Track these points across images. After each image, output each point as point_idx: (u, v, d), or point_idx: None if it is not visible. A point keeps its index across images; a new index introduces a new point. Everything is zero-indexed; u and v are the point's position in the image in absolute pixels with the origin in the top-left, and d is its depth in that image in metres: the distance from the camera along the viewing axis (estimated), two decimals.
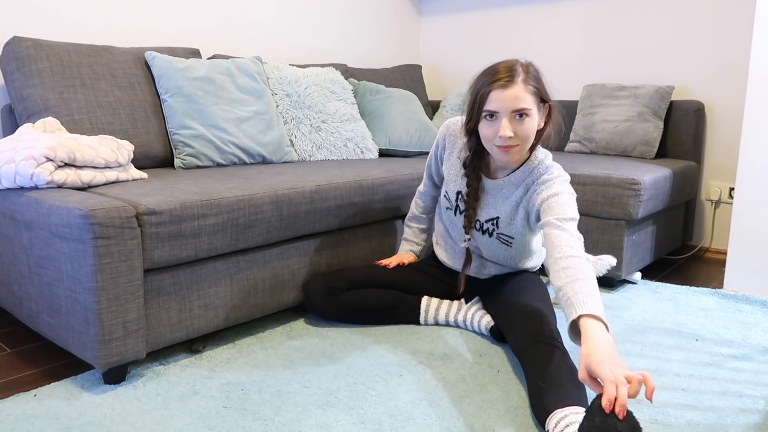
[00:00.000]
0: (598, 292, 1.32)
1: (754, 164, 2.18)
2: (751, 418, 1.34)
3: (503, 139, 1.51)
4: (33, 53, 1.94)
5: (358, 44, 3.39)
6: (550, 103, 1.59)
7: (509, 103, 1.50)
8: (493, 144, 1.56)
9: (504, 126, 1.51)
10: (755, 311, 2.03)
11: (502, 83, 1.50)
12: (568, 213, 1.51)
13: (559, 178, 1.61)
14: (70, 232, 1.39)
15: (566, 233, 1.45)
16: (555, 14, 3.23)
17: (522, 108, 1.50)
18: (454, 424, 1.29)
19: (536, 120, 1.55)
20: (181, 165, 2.09)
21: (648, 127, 2.73)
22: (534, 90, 1.53)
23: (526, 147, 1.57)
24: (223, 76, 2.24)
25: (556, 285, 1.37)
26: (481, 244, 1.78)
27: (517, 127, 1.52)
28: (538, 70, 1.57)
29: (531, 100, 1.52)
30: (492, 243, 1.75)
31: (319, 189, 1.86)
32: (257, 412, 1.34)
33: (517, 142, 1.53)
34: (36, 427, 1.27)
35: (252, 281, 1.75)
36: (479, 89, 1.55)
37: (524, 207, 1.66)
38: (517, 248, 1.74)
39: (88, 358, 1.43)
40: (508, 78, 1.50)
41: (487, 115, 1.54)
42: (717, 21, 2.74)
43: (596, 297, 1.30)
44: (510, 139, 1.51)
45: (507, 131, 1.50)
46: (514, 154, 1.56)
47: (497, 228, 1.72)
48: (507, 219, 1.69)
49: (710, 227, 2.86)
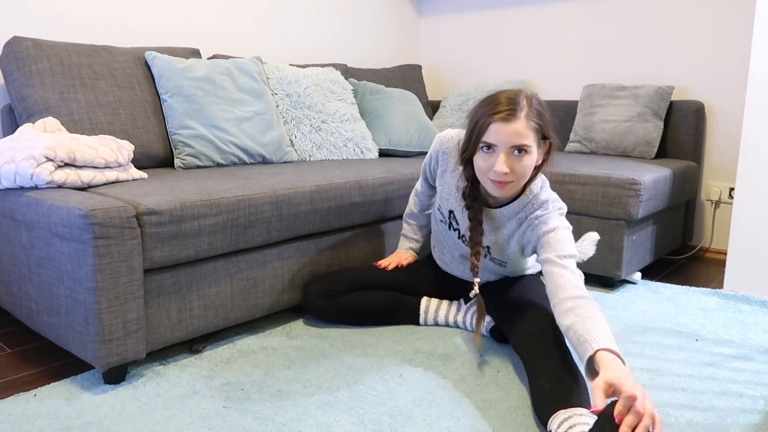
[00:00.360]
0: (609, 330, 1.28)
1: (754, 164, 2.18)
2: (751, 418, 1.34)
3: (498, 174, 1.45)
4: (33, 53, 1.94)
5: (358, 44, 3.39)
6: (551, 140, 1.52)
7: (509, 138, 1.43)
8: (487, 177, 1.50)
9: (500, 161, 1.44)
10: (755, 311, 2.03)
11: (503, 116, 1.43)
12: (567, 250, 1.47)
13: (555, 212, 1.56)
14: (70, 232, 1.39)
15: (568, 272, 1.42)
16: (555, 14, 3.23)
17: (522, 144, 1.44)
18: (454, 424, 1.29)
19: (535, 156, 1.48)
20: (181, 165, 2.09)
21: (648, 127, 2.73)
22: (536, 126, 1.46)
23: (521, 184, 1.51)
24: (223, 76, 2.24)
25: (563, 324, 1.33)
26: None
27: (514, 163, 1.45)
28: (542, 103, 1.50)
29: (532, 137, 1.45)
30: (486, 263, 1.74)
31: (319, 189, 1.86)
32: (257, 412, 1.34)
33: (513, 178, 1.47)
34: (36, 427, 1.27)
35: (252, 281, 1.75)
36: (479, 119, 1.48)
37: (518, 241, 1.62)
38: (512, 267, 1.74)
39: (88, 358, 1.44)
40: (510, 111, 1.43)
41: (485, 147, 1.48)
42: (717, 21, 2.74)
43: (609, 334, 1.26)
44: (506, 175, 1.45)
45: (503, 167, 1.44)
46: (508, 189, 1.50)
47: (489, 254, 1.71)
48: (498, 249, 1.67)
49: (710, 227, 2.86)
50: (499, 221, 1.63)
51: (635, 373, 1.54)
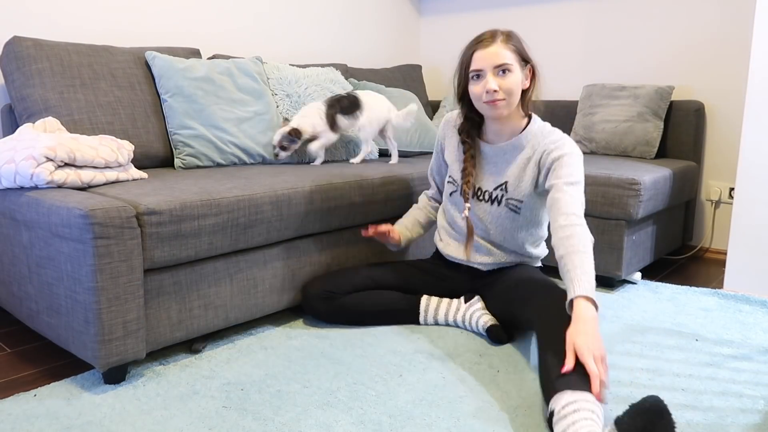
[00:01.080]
0: (592, 265, 1.46)
1: (754, 164, 2.18)
2: (751, 418, 1.34)
3: (489, 93, 1.62)
4: (33, 53, 1.94)
5: (358, 44, 3.39)
6: (531, 63, 1.68)
7: (491, 59, 1.61)
8: (482, 102, 1.65)
9: (488, 81, 1.61)
10: (755, 311, 2.03)
11: (483, 43, 1.64)
12: (575, 176, 1.61)
13: (567, 138, 1.70)
14: (70, 231, 1.39)
15: (570, 197, 1.57)
16: (555, 14, 3.23)
17: (503, 63, 1.61)
18: (454, 424, 1.29)
19: (519, 76, 1.64)
20: (181, 165, 2.09)
21: (648, 127, 2.73)
22: (514, 48, 1.64)
23: (512, 102, 1.65)
24: (223, 76, 2.24)
25: (558, 253, 1.51)
26: (487, 217, 1.78)
27: (500, 81, 1.62)
28: (519, 36, 1.69)
29: (512, 57, 1.63)
30: (500, 213, 1.76)
31: (319, 189, 1.86)
32: (257, 412, 1.34)
33: (503, 96, 1.62)
34: (36, 427, 1.27)
35: (252, 281, 1.75)
36: (464, 54, 1.69)
37: (533, 167, 1.70)
38: (525, 216, 1.75)
39: (88, 358, 1.44)
40: (489, 39, 1.64)
41: (474, 76, 1.65)
42: (717, 21, 2.74)
43: (590, 273, 1.44)
44: (495, 92, 1.61)
45: (492, 84, 1.61)
46: (502, 108, 1.64)
47: (506, 193, 1.74)
48: (515, 182, 1.73)
49: (710, 227, 2.86)
50: (512, 154, 1.73)
51: (635, 373, 1.54)
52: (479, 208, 1.79)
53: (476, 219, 1.80)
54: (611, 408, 1.37)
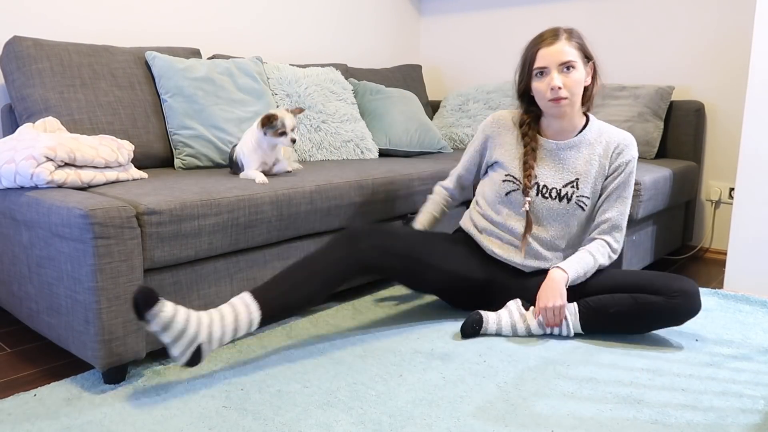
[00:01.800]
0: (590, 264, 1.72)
1: (754, 164, 2.18)
2: (751, 418, 1.34)
3: (554, 90, 1.66)
4: (33, 53, 1.94)
5: (358, 44, 3.39)
6: (593, 60, 1.73)
7: (556, 57, 1.66)
8: (546, 100, 1.69)
9: (553, 77, 1.66)
10: (755, 311, 2.03)
11: (547, 41, 1.68)
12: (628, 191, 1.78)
13: (631, 137, 1.79)
14: (70, 231, 1.39)
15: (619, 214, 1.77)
16: (555, 14, 3.23)
17: (568, 60, 1.66)
18: (454, 424, 1.29)
19: (582, 73, 1.69)
20: (181, 165, 2.09)
21: (648, 127, 2.73)
22: (578, 45, 1.69)
23: (575, 100, 1.70)
24: (223, 76, 2.24)
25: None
26: (550, 214, 1.76)
27: (565, 79, 1.66)
28: (581, 33, 1.73)
29: (576, 54, 1.67)
30: (567, 210, 1.76)
31: (319, 189, 1.86)
32: (257, 412, 1.34)
33: (567, 94, 1.67)
34: (36, 427, 1.27)
35: (252, 281, 1.75)
36: (527, 52, 1.72)
37: (603, 162, 1.76)
38: (588, 213, 1.79)
39: (88, 357, 1.44)
40: (552, 36, 1.68)
41: (538, 73, 1.69)
42: (717, 21, 2.74)
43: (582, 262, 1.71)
44: (560, 90, 1.66)
45: (557, 81, 1.65)
46: (566, 106, 1.69)
47: (577, 190, 1.76)
48: (585, 178, 1.77)
49: (710, 227, 2.86)
50: (578, 149, 1.78)
51: (635, 374, 1.54)
52: (543, 206, 1.77)
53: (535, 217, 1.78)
54: (611, 409, 1.37)
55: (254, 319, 1.49)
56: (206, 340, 1.42)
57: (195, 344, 1.40)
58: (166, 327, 1.37)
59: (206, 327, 1.42)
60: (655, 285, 1.66)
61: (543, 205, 1.77)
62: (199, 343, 1.41)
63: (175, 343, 1.39)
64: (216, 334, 1.43)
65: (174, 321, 1.37)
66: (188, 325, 1.39)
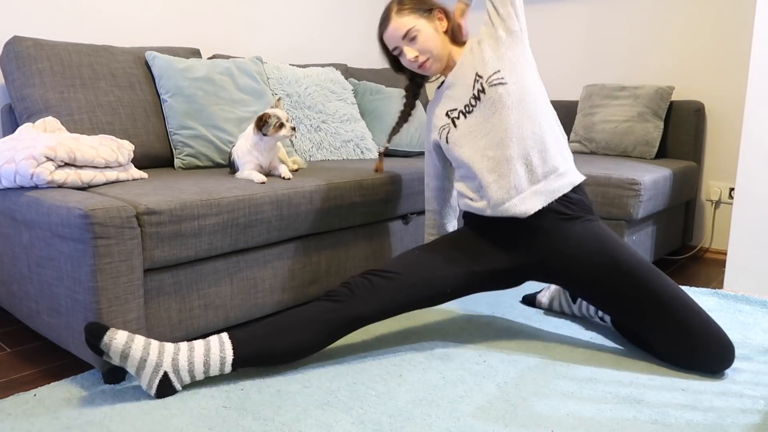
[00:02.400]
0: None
1: (754, 164, 2.18)
2: (751, 418, 1.34)
3: (413, 62, 1.74)
4: (33, 53, 1.94)
5: (358, 44, 3.39)
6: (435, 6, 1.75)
7: (396, 34, 1.73)
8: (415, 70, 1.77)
9: (405, 54, 1.73)
10: (755, 311, 2.03)
11: (384, 25, 1.75)
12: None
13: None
14: (70, 231, 1.39)
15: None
16: (555, 15, 3.23)
17: (406, 32, 1.71)
18: (454, 424, 1.29)
19: (430, 29, 1.72)
20: (181, 165, 2.09)
21: (648, 127, 2.73)
22: (409, 9, 1.72)
23: (437, 53, 1.73)
24: (223, 76, 2.23)
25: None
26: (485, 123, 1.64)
27: (415, 47, 1.72)
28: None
29: (412, 20, 1.71)
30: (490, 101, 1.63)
31: (319, 189, 1.86)
32: (257, 412, 1.34)
33: (424, 57, 1.72)
34: (36, 427, 1.27)
35: (252, 281, 1.75)
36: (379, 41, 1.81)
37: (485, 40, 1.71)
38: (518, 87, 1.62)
39: (88, 357, 1.44)
40: (385, 19, 1.75)
41: (396, 54, 1.78)
42: (717, 21, 2.74)
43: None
44: (417, 58, 1.72)
45: (410, 55, 1.72)
46: (432, 64, 1.74)
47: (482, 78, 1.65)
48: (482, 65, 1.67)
49: (710, 227, 2.86)
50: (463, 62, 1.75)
51: (635, 373, 1.54)
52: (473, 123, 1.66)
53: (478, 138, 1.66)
54: (611, 409, 1.37)
55: (227, 357, 1.43)
56: (171, 369, 1.39)
57: (160, 373, 1.38)
58: (125, 356, 1.35)
59: (169, 355, 1.39)
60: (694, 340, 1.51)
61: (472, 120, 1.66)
62: (164, 371, 1.38)
63: (140, 372, 1.38)
64: (182, 364, 1.40)
65: (131, 349, 1.36)
66: (148, 353, 1.37)
